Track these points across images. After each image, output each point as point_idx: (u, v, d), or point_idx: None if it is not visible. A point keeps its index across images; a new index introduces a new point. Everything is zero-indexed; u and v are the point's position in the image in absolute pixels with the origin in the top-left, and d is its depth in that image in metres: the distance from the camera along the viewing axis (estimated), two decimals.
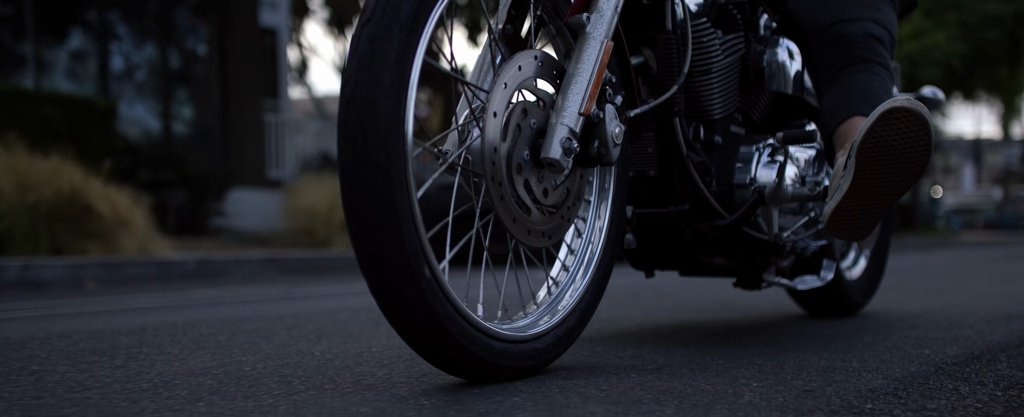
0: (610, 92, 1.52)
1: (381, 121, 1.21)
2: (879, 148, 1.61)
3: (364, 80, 1.21)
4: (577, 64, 1.47)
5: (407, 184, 1.23)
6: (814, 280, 2.26)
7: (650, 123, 1.82)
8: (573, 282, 1.64)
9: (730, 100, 1.95)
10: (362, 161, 1.20)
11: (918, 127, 1.58)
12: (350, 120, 1.21)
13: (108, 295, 4.34)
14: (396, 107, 1.22)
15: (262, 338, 2.15)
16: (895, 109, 1.58)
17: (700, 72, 1.86)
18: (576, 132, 1.43)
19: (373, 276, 1.24)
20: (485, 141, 1.34)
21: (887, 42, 2.06)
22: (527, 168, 1.43)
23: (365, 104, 1.21)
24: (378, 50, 1.22)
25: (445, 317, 1.29)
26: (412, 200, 1.24)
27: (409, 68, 1.24)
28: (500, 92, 1.37)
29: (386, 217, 1.21)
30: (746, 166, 1.91)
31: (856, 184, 1.66)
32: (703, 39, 1.85)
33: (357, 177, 1.21)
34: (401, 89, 1.23)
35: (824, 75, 2.00)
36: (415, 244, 1.24)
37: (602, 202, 1.69)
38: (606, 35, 1.50)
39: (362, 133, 1.20)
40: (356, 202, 1.21)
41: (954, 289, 3.82)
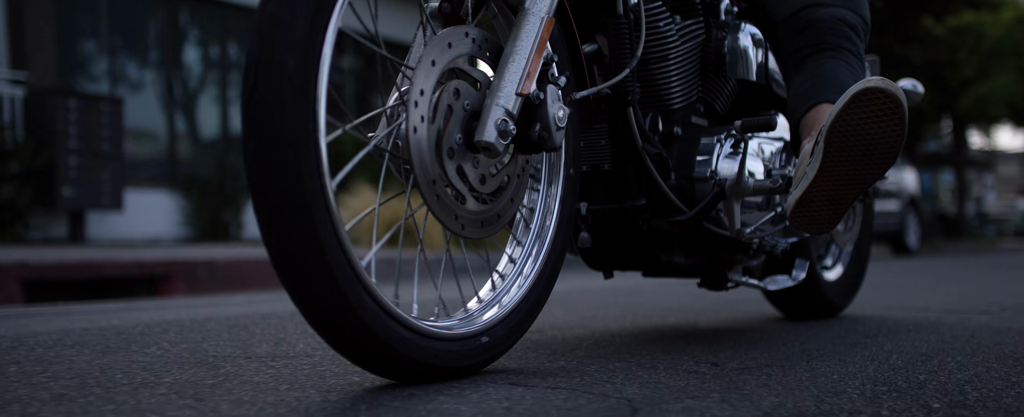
0: (553, 72, 1.41)
1: (288, 114, 1.10)
2: (850, 132, 1.52)
3: (268, 71, 1.10)
4: (514, 41, 1.37)
5: (321, 175, 1.12)
6: (785, 280, 2.16)
7: (604, 114, 1.72)
8: (519, 276, 1.53)
9: (690, 89, 1.85)
10: (269, 156, 1.10)
11: (892, 110, 1.48)
12: (253, 112, 1.11)
13: None
14: (304, 95, 1.11)
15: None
16: (869, 90, 1.48)
17: (656, 59, 1.77)
18: (513, 113, 1.33)
19: (287, 274, 1.14)
20: (409, 122, 1.24)
21: (860, 29, 1.97)
22: (460, 153, 1.32)
23: (270, 95, 1.10)
24: (281, 30, 1.11)
25: (368, 314, 1.18)
26: (326, 192, 1.13)
27: (319, 48, 1.13)
28: (427, 70, 1.26)
29: (298, 212, 1.10)
30: (707, 158, 1.81)
31: (823, 172, 1.56)
32: (658, 24, 1.75)
33: (264, 171, 1.10)
34: (310, 73, 1.12)
35: (792, 61, 1.92)
36: (331, 237, 1.13)
37: (550, 194, 1.58)
38: (547, 11, 1.40)
39: (267, 126, 1.10)
40: (265, 199, 1.10)
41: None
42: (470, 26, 1.37)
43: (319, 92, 1.13)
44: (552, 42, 1.52)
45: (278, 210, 1.10)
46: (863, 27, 1.99)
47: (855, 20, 1.96)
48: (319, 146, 1.13)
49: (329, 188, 1.14)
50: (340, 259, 1.14)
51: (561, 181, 1.58)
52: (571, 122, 1.59)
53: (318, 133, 1.12)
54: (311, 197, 1.11)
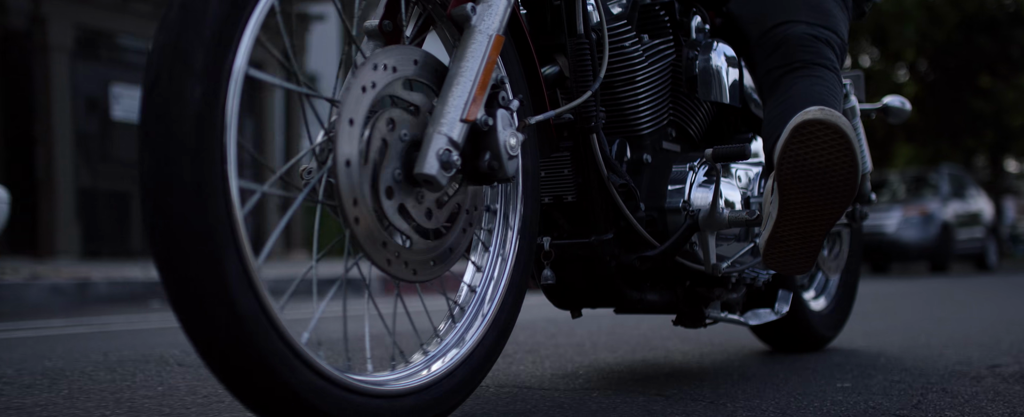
0: (504, 96, 1.28)
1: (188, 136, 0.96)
2: (798, 168, 1.41)
3: (167, 91, 0.97)
4: (459, 62, 1.23)
5: (228, 204, 0.98)
6: (768, 314, 2.03)
7: (566, 141, 1.59)
8: (467, 329, 1.38)
9: (660, 113, 1.72)
10: (168, 183, 0.96)
11: (836, 140, 1.38)
12: (152, 135, 0.97)
13: None
14: (210, 115, 0.98)
15: None
16: (808, 123, 1.39)
17: (622, 82, 1.64)
18: (457, 142, 1.19)
19: (185, 313, 0.99)
20: (338, 160, 1.09)
21: (836, 46, 1.86)
22: (400, 190, 1.18)
23: (171, 114, 0.96)
24: (181, 57, 0.97)
25: (280, 364, 1.03)
26: (236, 228, 0.99)
27: (228, 66, 1.00)
28: (356, 97, 1.12)
29: (200, 246, 0.96)
30: (679, 187, 1.68)
31: (784, 210, 1.45)
32: (624, 44, 1.63)
33: (161, 196, 0.96)
34: (216, 90, 0.99)
35: (766, 81, 1.80)
36: (239, 273, 0.99)
37: (506, 231, 1.44)
38: (497, 28, 1.27)
39: (165, 149, 0.96)
40: (162, 230, 0.96)
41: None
42: (411, 46, 1.23)
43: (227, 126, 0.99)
44: (505, 63, 1.40)
45: (176, 242, 0.96)
46: (839, 44, 1.88)
47: (830, 37, 1.85)
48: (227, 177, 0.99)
49: (238, 216, 0.99)
50: (250, 299, 1.00)
51: (519, 216, 1.44)
52: (530, 149, 1.46)
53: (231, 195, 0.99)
54: (216, 224, 0.97)
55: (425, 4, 1.33)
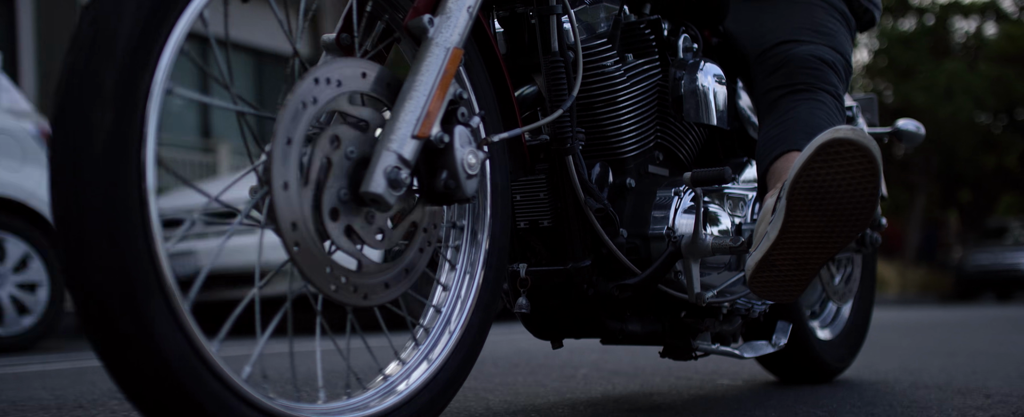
0: (463, 112, 1.22)
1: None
2: (815, 188, 1.33)
3: (75, 117, 0.91)
4: (413, 76, 1.17)
5: (148, 238, 0.92)
6: (765, 346, 1.93)
7: (542, 163, 1.52)
8: (432, 350, 1.31)
9: (645, 135, 1.65)
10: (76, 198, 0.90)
11: (863, 163, 1.30)
12: (60, 167, 0.91)
13: None
14: (123, 143, 0.92)
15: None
16: (836, 141, 1.30)
17: (602, 102, 1.57)
18: (407, 159, 1.13)
19: (107, 359, 0.93)
20: (273, 183, 1.03)
21: (839, 68, 1.79)
22: (347, 211, 1.12)
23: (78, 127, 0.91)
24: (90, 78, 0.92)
25: (216, 406, 0.97)
26: (159, 264, 0.93)
27: (144, 87, 0.94)
28: (293, 114, 1.06)
29: (117, 287, 0.90)
30: (664, 213, 1.60)
31: (786, 233, 1.36)
32: (604, 63, 1.56)
33: (72, 234, 0.90)
34: (131, 114, 0.93)
35: (764, 102, 1.73)
36: (163, 312, 0.93)
37: (474, 249, 1.37)
38: (456, 41, 1.21)
39: (73, 182, 0.90)
40: (76, 271, 0.91)
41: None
42: (361, 59, 1.18)
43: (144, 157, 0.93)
44: (471, 79, 1.33)
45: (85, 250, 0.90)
46: (844, 66, 1.80)
47: (834, 58, 1.77)
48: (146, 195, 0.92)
49: (160, 251, 0.93)
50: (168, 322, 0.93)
51: (485, 240, 1.37)
52: (499, 167, 1.39)
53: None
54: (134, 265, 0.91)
55: (381, 16, 1.27)
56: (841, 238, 1.33)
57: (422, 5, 1.22)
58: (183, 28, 0.96)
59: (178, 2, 0.96)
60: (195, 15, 0.97)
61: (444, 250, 1.38)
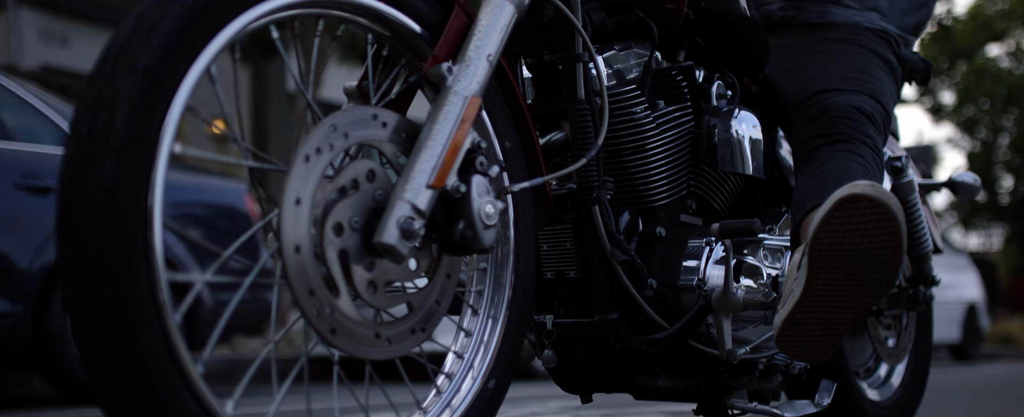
0: (482, 161, 1.19)
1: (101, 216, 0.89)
2: (835, 246, 1.28)
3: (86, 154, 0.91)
4: (431, 125, 1.16)
5: (158, 307, 0.92)
6: (806, 406, 1.85)
7: (569, 212, 1.49)
8: (453, 396, 1.28)
9: (677, 183, 1.61)
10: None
11: (882, 220, 1.25)
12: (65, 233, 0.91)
13: None
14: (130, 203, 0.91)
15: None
16: (853, 197, 1.26)
17: (631, 150, 1.54)
18: (422, 210, 1.11)
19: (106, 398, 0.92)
20: (283, 241, 1.01)
21: (878, 120, 1.73)
22: (363, 259, 1.09)
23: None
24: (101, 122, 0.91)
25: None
26: (170, 332, 0.92)
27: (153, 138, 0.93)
28: (301, 168, 1.04)
29: (127, 364, 0.90)
30: (695, 264, 1.55)
31: (810, 291, 1.31)
32: (633, 110, 1.53)
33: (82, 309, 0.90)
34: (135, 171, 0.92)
35: (801, 152, 1.68)
36: (174, 376, 0.92)
37: (496, 301, 1.34)
38: (475, 90, 1.19)
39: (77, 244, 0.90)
40: (92, 355, 0.90)
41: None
42: (378, 107, 1.16)
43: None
44: (495, 127, 1.31)
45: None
46: (883, 118, 1.75)
47: (873, 109, 1.72)
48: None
49: (170, 320, 0.92)
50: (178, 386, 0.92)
51: (508, 290, 1.34)
52: (524, 215, 1.37)
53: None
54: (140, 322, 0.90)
55: (399, 62, 1.26)
56: (867, 297, 1.28)
57: (442, 53, 1.21)
58: (192, 81, 0.95)
59: (179, 66, 0.94)
60: (197, 78, 0.96)
61: (467, 295, 1.35)
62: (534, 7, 1.39)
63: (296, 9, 1.07)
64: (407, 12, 1.20)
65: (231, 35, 0.98)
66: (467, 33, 1.23)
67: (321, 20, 1.12)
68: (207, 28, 0.95)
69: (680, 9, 1.55)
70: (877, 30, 1.93)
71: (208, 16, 0.95)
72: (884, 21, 1.96)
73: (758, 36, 1.73)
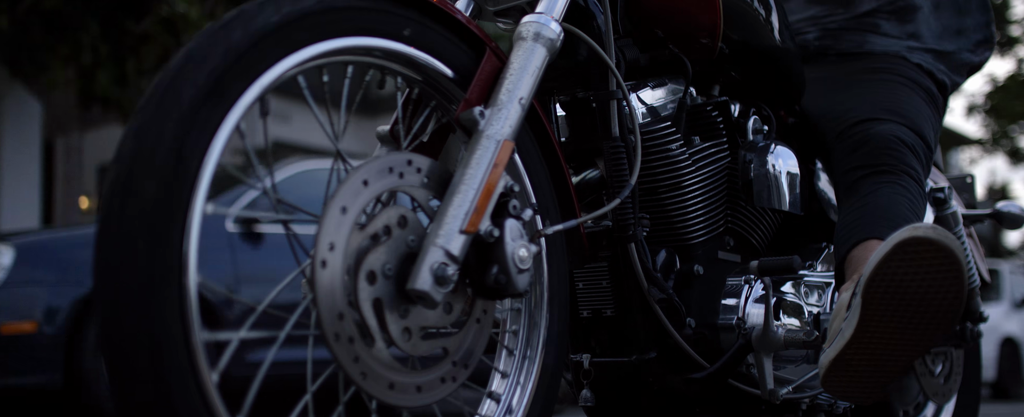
0: (515, 204, 1.19)
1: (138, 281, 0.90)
2: (892, 288, 1.25)
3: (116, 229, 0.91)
4: (463, 170, 1.15)
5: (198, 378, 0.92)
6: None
7: (604, 250, 1.47)
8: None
9: (714, 220, 1.59)
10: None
11: (945, 265, 1.22)
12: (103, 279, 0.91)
13: None
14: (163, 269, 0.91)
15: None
16: (915, 240, 1.23)
17: (667, 187, 1.52)
18: (455, 255, 1.10)
19: None
20: (318, 292, 1.01)
21: (920, 151, 1.70)
22: (397, 306, 1.09)
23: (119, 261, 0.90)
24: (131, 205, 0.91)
25: None
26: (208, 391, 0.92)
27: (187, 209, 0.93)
28: (335, 218, 1.04)
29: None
30: (734, 302, 1.53)
31: (862, 332, 1.28)
32: (669, 147, 1.52)
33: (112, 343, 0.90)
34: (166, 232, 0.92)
35: (843, 184, 1.66)
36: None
37: (530, 348, 1.33)
38: (507, 134, 1.18)
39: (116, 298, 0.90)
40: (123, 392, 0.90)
41: None
42: (410, 152, 1.16)
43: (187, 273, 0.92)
44: (527, 168, 1.31)
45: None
46: (924, 150, 1.71)
47: (914, 140, 1.68)
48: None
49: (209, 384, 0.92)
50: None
51: (543, 330, 1.33)
52: (558, 256, 1.35)
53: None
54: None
55: (428, 106, 1.26)
56: (924, 340, 1.25)
57: (474, 97, 1.21)
58: (229, 128, 0.96)
59: (222, 102, 0.96)
60: (224, 142, 0.96)
61: (502, 335, 1.34)
62: (567, 46, 1.38)
63: (331, 57, 1.07)
64: (438, 56, 1.20)
65: (274, 77, 0.99)
66: (499, 76, 1.22)
67: (349, 66, 1.12)
68: (251, 69, 0.96)
69: (714, 44, 1.53)
70: (917, 59, 1.90)
71: (252, 58, 0.97)
72: (924, 49, 1.93)
73: (794, 67, 1.71)
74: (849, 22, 1.93)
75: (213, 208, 0.95)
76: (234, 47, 0.96)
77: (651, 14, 1.51)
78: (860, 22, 1.93)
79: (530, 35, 1.24)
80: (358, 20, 1.09)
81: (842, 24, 1.93)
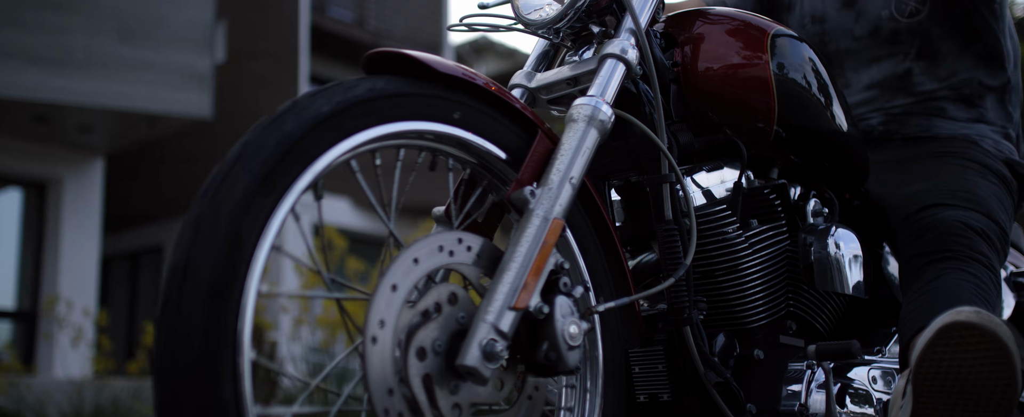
0: (565, 282, 1.20)
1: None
2: (940, 376, 1.22)
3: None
4: (513, 247, 1.17)
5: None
6: None
7: (661, 333, 1.46)
8: None
9: (774, 304, 1.57)
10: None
11: (992, 351, 1.19)
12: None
13: None
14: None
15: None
16: (958, 324, 1.20)
17: (723, 270, 1.51)
18: (504, 332, 1.11)
19: None
20: (369, 368, 1.04)
21: (993, 236, 1.65)
22: (447, 382, 1.10)
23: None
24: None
25: None
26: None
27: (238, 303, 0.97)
28: (386, 296, 1.07)
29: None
30: (796, 388, 1.49)
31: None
32: (725, 230, 1.51)
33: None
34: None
35: (908, 270, 1.62)
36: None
37: (585, 402, 1.31)
38: (557, 212, 1.20)
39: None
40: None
41: None
42: (462, 232, 1.19)
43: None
44: (581, 248, 1.32)
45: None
46: (998, 234, 1.66)
47: (986, 226, 1.63)
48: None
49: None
50: None
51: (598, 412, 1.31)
52: (614, 337, 1.35)
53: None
54: None
55: (482, 185, 1.29)
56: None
57: (525, 177, 1.24)
58: (282, 214, 1.00)
59: (277, 189, 1.00)
60: (293, 203, 1.01)
61: (557, 412, 1.33)
62: (621, 130, 1.41)
63: (386, 141, 1.12)
64: (491, 139, 1.24)
65: (327, 163, 1.03)
66: (550, 157, 1.25)
67: (402, 149, 1.17)
68: (304, 156, 1.01)
69: (770, 128, 1.54)
70: (987, 143, 1.87)
71: (306, 146, 1.02)
72: (993, 131, 1.90)
73: (855, 151, 1.70)
74: (914, 106, 1.92)
75: (268, 288, 0.99)
76: (286, 136, 1.01)
77: (705, 98, 1.53)
78: (925, 106, 1.91)
79: (581, 117, 1.27)
80: (408, 106, 1.14)
81: (907, 109, 1.92)
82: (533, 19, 1.45)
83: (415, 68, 1.19)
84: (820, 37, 1.96)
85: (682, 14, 1.60)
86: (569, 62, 1.49)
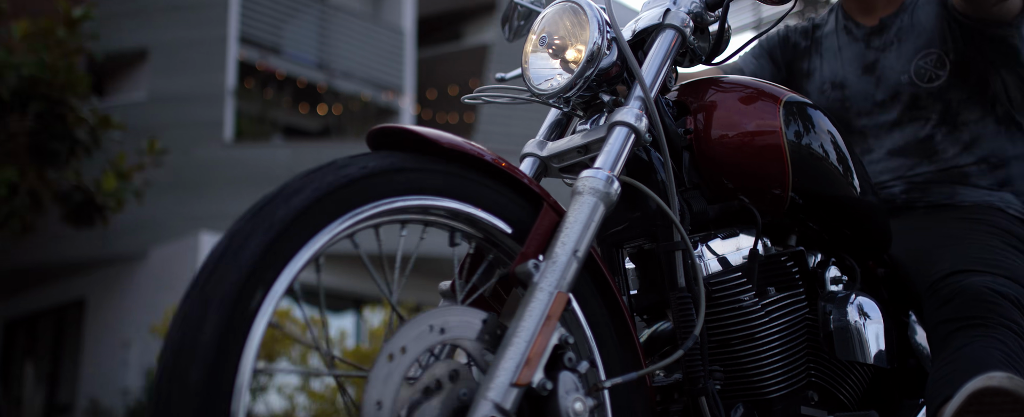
0: (570, 357, 1.18)
1: None
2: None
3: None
4: (516, 322, 1.16)
5: None
6: None
7: (677, 404, 1.44)
8: None
9: (794, 374, 1.53)
10: None
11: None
12: None
13: None
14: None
15: None
16: (987, 391, 1.18)
17: (739, 339, 1.49)
18: (506, 409, 1.10)
19: None
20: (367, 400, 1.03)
21: (1021, 303, 1.61)
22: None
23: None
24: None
25: None
26: None
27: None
28: (384, 368, 1.06)
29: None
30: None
31: None
32: (741, 298, 1.49)
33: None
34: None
35: (935, 337, 1.58)
36: None
37: None
38: (562, 286, 1.20)
39: None
40: None
41: None
42: (467, 307, 1.19)
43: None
44: (589, 321, 1.31)
45: None
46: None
47: (1015, 292, 1.59)
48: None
49: None
50: None
51: None
52: (625, 414, 1.33)
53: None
54: None
55: (487, 261, 1.29)
56: None
57: (530, 250, 1.23)
58: (271, 306, 1.00)
59: (264, 281, 0.99)
60: (282, 293, 1.01)
61: None
62: (634, 197, 1.40)
63: (382, 218, 1.12)
64: (496, 213, 1.24)
65: (317, 248, 1.04)
66: (556, 230, 1.25)
67: (405, 225, 1.17)
68: (293, 243, 1.01)
69: (784, 195, 1.53)
70: (1013, 209, 1.83)
71: (294, 232, 1.02)
72: (1018, 197, 1.86)
73: (875, 219, 1.67)
74: (936, 175, 1.88)
75: (264, 364, 0.99)
76: (277, 221, 1.01)
77: (718, 165, 1.52)
78: (948, 174, 1.88)
79: (586, 189, 1.27)
80: (409, 181, 1.14)
81: (929, 177, 1.89)
82: (544, 89, 1.46)
83: (419, 143, 1.20)
84: (841, 103, 1.94)
85: (695, 82, 1.60)
86: (580, 130, 1.49)
